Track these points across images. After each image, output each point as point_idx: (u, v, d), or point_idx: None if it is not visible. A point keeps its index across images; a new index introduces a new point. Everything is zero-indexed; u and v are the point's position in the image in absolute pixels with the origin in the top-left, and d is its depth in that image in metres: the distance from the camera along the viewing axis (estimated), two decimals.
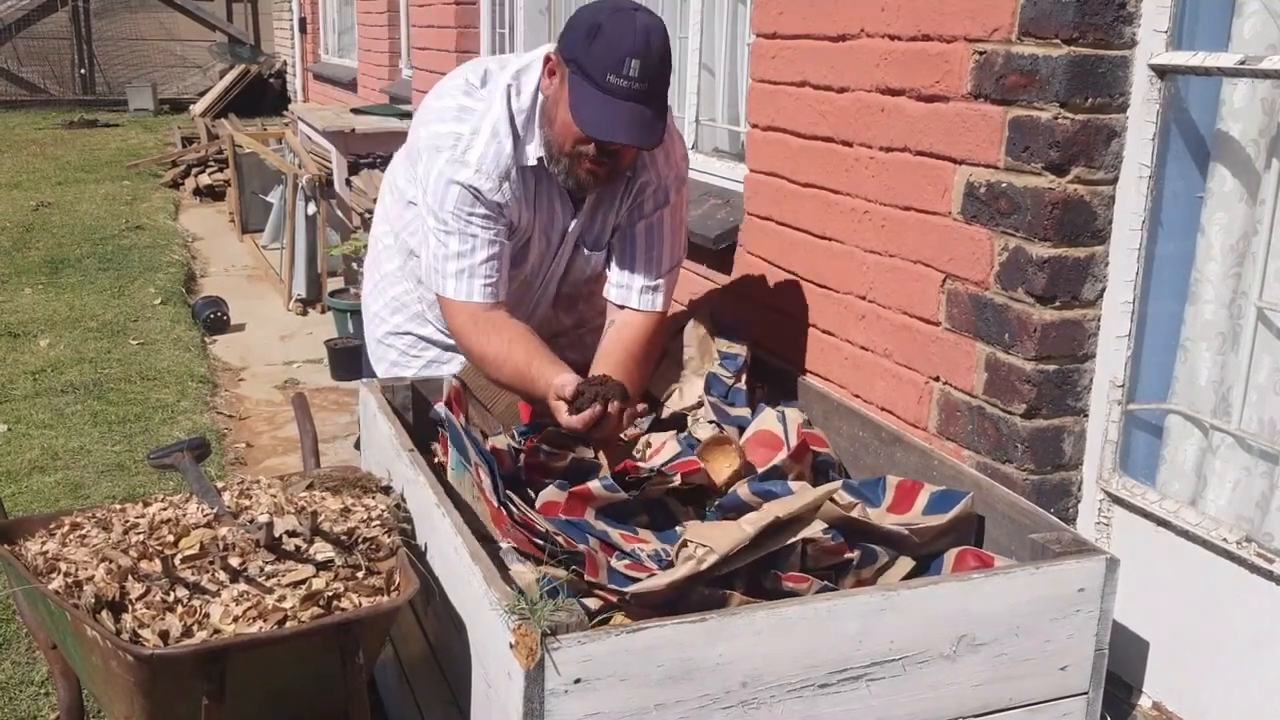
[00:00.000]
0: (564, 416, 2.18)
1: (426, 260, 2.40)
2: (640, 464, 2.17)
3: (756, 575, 1.87)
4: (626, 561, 1.91)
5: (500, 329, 2.34)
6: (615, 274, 2.50)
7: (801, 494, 1.94)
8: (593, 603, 1.75)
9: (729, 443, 2.21)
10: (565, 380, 2.21)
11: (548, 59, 2.28)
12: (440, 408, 2.29)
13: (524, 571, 1.79)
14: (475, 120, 2.32)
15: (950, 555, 1.99)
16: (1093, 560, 1.78)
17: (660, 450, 2.34)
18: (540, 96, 2.32)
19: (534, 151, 2.33)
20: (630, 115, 2.17)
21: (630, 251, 2.48)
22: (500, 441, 2.25)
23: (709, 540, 1.79)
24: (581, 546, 1.86)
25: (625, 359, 2.39)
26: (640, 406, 2.43)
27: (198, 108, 13.17)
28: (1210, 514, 1.98)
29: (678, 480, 2.09)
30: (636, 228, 2.47)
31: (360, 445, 2.95)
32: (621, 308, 2.48)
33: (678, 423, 2.47)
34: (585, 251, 2.52)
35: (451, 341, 2.52)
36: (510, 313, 2.40)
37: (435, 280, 2.37)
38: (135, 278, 6.43)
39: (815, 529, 1.88)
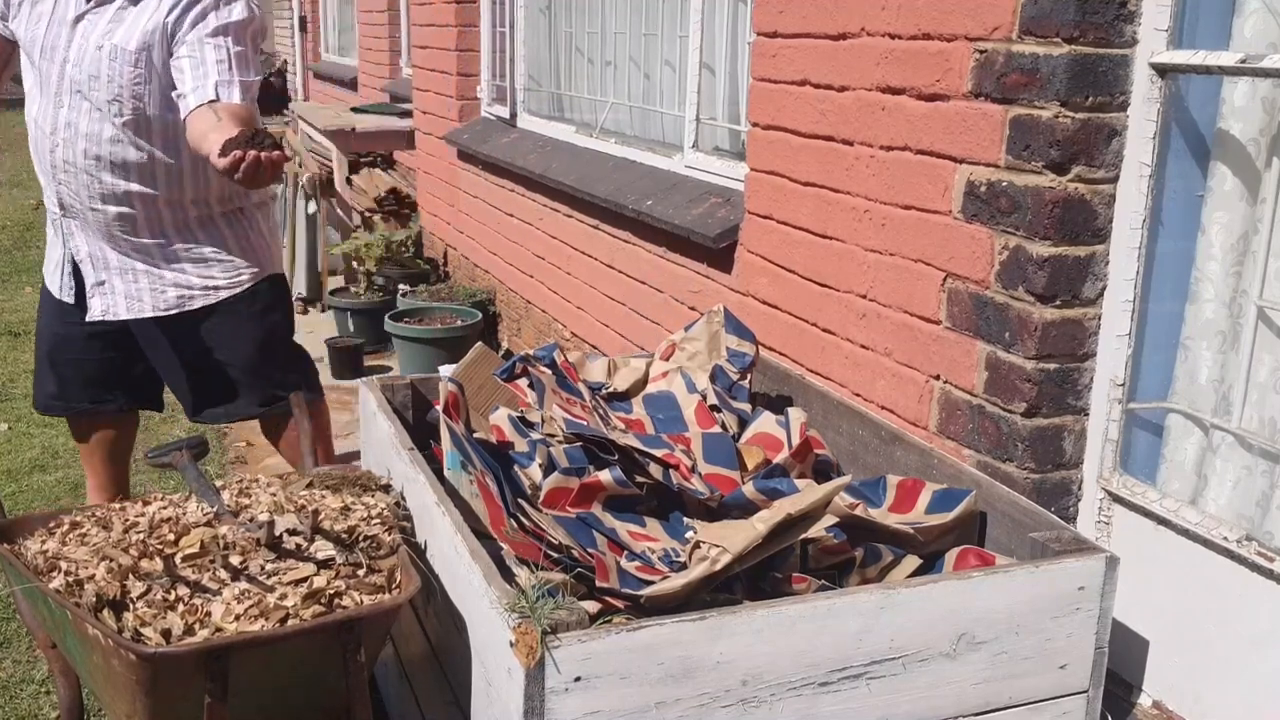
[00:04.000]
0: (216, 160, 2.22)
1: None
2: (691, 473, 2.14)
3: (755, 578, 1.87)
4: (637, 563, 1.90)
5: None
6: (188, 81, 2.53)
7: (810, 490, 1.93)
8: (591, 606, 1.75)
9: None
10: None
11: None
12: (438, 412, 2.28)
13: (523, 575, 1.78)
14: None
15: (952, 554, 1.99)
16: (1093, 559, 1.78)
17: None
18: None
19: None
20: None
21: (198, 56, 2.53)
22: (501, 419, 2.23)
23: (722, 540, 1.77)
24: (592, 552, 1.85)
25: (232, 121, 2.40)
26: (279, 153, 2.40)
27: None
28: (1210, 512, 1.98)
29: (716, 499, 2.07)
30: (190, 35, 2.54)
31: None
32: (200, 105, 2.51)
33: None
34: (103, 39, 2.56)
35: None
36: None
37: None
38: None
39: (819, 528, 1.87)
